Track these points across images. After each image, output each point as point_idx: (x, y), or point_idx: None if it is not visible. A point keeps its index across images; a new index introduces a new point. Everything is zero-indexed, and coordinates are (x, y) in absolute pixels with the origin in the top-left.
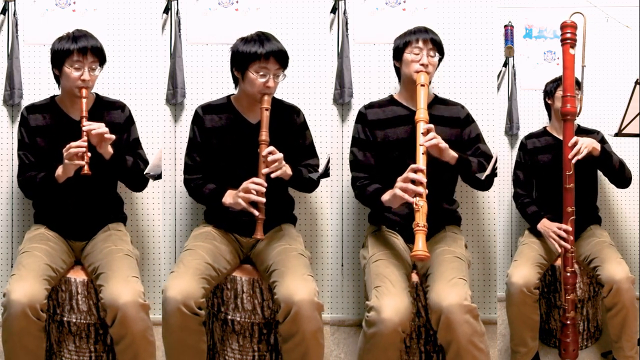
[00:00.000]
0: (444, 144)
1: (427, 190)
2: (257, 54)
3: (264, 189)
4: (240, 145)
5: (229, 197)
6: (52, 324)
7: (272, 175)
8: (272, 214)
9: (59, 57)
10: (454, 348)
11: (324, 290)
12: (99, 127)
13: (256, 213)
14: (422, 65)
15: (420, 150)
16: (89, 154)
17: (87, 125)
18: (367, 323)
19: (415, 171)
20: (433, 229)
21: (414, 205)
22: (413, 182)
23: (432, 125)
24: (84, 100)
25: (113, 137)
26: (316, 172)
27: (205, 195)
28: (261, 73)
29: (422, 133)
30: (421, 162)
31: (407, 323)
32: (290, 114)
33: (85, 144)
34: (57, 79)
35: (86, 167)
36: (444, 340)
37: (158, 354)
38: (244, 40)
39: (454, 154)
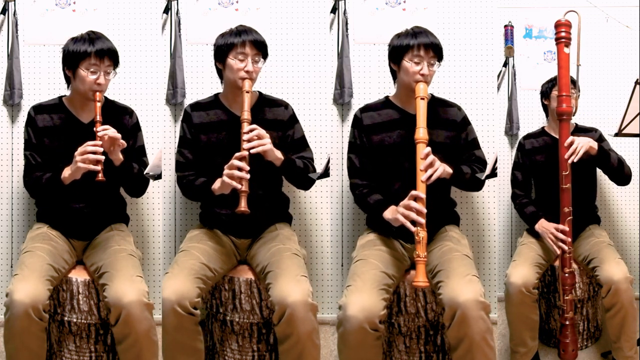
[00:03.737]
0: (439, 172)
1: (425, 220)
2: (234, 43)
3: (247, 166)
4: (229, 139)
5: (217, 183)
6: (53, 323)
7: (252, 151)
8: (266, 213)
9: (74, 59)
10: (466, 344)
11: (324, 290)
12: (114, 133)
13: (239, 186)
14: (423, 75)
15: (419, 175)
16: (103, 158)
17: (101, 130)
18: (337, 323)
19: (415, 199)
20: (432, 228)
21: (415, 236)
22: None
23: (429, 149)
24: (99, 105)
25: (125, 144)
26: (316, 172)
27: (196, 188)
28: (240, 58)
29: (421, 158)
30: (421, 188)
31: (374, 321)
32: (277, 108)
33: (101, 149)
34: (68, 79)
35: (101, 175)
36: (456, 336)
37: (159, 353)
38: (223, 34)
39: (449, 170)
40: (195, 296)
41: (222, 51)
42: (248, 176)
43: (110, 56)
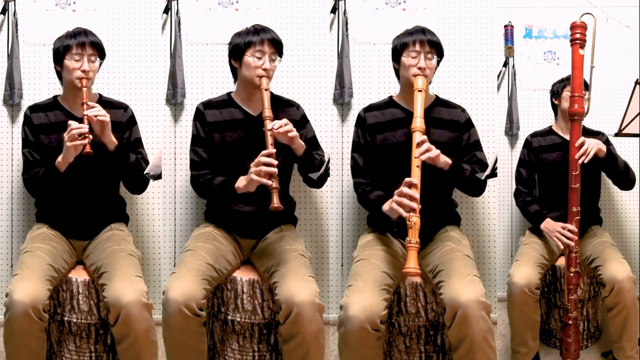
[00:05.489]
0: (435, 153)
1: (420, 206)
2: (252, 41)
3: (275, 161)
4: (244, 138)
5: (242, 181)
6: (53, 323)
7: (290, 135)
8: (273, 215)
9: (60, 54)
10: (466, 344)
11: (324, 290)
12: (99, 111)
13: (270, 183)
14: (420, 69)
15: (414, 163)
16: (91, 137)
17: (87, 111)
18: (338, 323)
19: (409, 185)
20: (433, 229)
21: (407, 221)
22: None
23: (425, 137)
24: (85, 89)
25: (107, 119)
26: (316, 172)
27: (215, 188)
28: (257, 55)
29: (417, 144)
30: (415, 175)
31: (375, 321)
32: (289, 108)
33: (86, 127)
34: (60, 76)
35: (88, 147)
36: (457, 336)
37: (159, 354)
38: (239, 33)
39: (447, 160)
40: (201, 297)
41: (239, 49)
42: (276, 171)
43: (92, 46)
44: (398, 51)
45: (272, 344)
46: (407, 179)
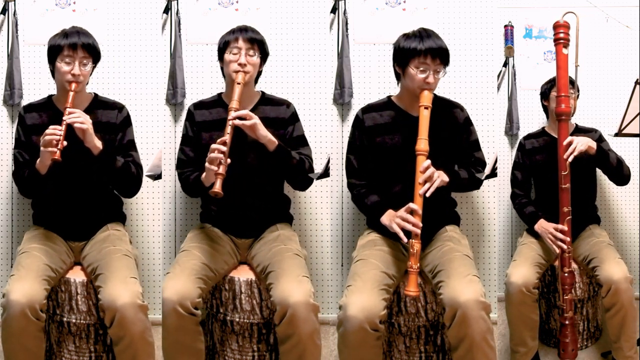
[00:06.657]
0: (436, 184)
1: (420, 231)
2: (228, 40)
3: (223, 147)
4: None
5: (204, 174)
6: (52, 324)
7: (239, 122)
8: (267, 213)
9: (52, 53)
10: (466, 344)
11: (324, 290)
12: (78, 117)
13: (215, 168)
14: (428, 83)
15: (417, 189)
16: (65, 143)
17: (66, 117)
18: (338, 323)
19: (411, 212)
20: (433, 228)
21: (410, 248)
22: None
23: (429, 162)
24: (71, 94)
25: (86, 126)
26: (316, 172)
27: (191, 182)
28: (234, 52)
29: (420, 171)
30: (418, 202)
31: (374, 321)
32: (279, 107)
33: (61, 131)
34: (54, 75)
35: (58, 154)
36: (456, 336)
37: (157, 354)
38: (223, 34)
39: (445, 179)
40: (196, 296)
41: (220, 49)
42: (222, 157)
43: (84, 49)
44: (405, 56)
45: (271, 343)
46: (410, 205)
